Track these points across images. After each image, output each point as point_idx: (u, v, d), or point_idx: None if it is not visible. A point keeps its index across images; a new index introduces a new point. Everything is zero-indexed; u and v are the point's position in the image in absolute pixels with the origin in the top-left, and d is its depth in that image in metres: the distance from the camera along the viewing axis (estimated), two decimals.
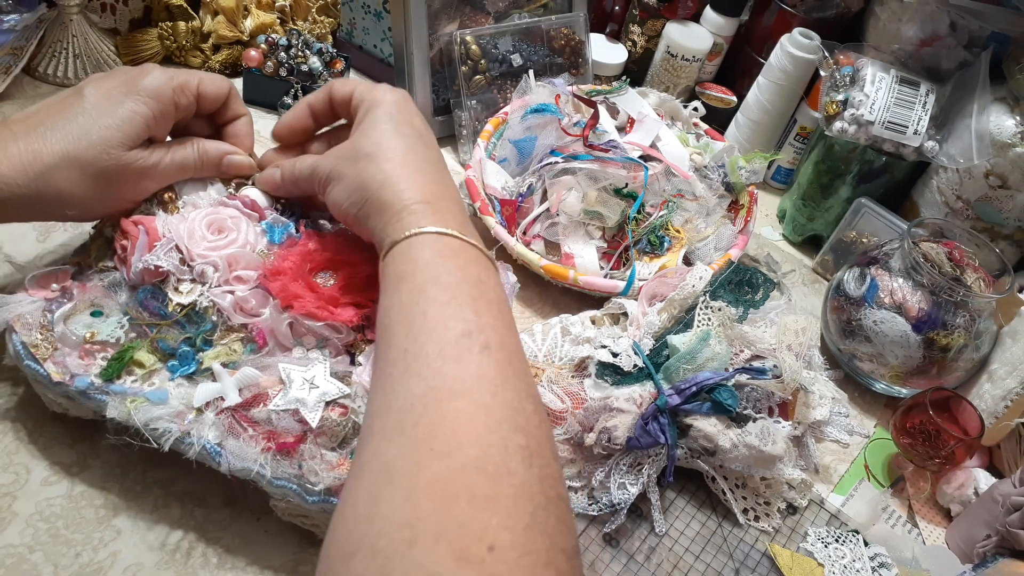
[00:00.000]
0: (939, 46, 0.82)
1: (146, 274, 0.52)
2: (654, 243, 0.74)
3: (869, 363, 0.72)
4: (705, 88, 1.01)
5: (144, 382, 0.49)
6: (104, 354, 0.50)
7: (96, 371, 0.49)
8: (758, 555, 0.60)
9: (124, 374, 0.49)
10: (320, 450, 0.48)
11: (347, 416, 0.49)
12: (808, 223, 0.89)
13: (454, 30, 0.84)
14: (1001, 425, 0.67)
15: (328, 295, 0.52)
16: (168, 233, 0.52)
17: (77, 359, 0.49)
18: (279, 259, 0.53)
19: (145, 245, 0.52)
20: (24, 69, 0.79)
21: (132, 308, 0.51)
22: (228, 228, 0.54)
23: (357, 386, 0.50)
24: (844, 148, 0.82)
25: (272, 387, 0.49)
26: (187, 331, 0.51)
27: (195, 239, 0.53)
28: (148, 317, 0.51)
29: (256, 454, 0.47)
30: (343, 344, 0.53)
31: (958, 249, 0.72)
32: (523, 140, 0.78)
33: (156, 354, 0.50)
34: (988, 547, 0.60)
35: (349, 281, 0.54)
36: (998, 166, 0.76)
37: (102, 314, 0.51)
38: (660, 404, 0.59)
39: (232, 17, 0.87)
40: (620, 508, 0.58)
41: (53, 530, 0.49)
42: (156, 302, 0.51)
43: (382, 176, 0.49)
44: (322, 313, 0.51)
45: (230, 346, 0.51)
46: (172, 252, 0.52)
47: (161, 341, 0.50)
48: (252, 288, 0.52)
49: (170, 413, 0.48)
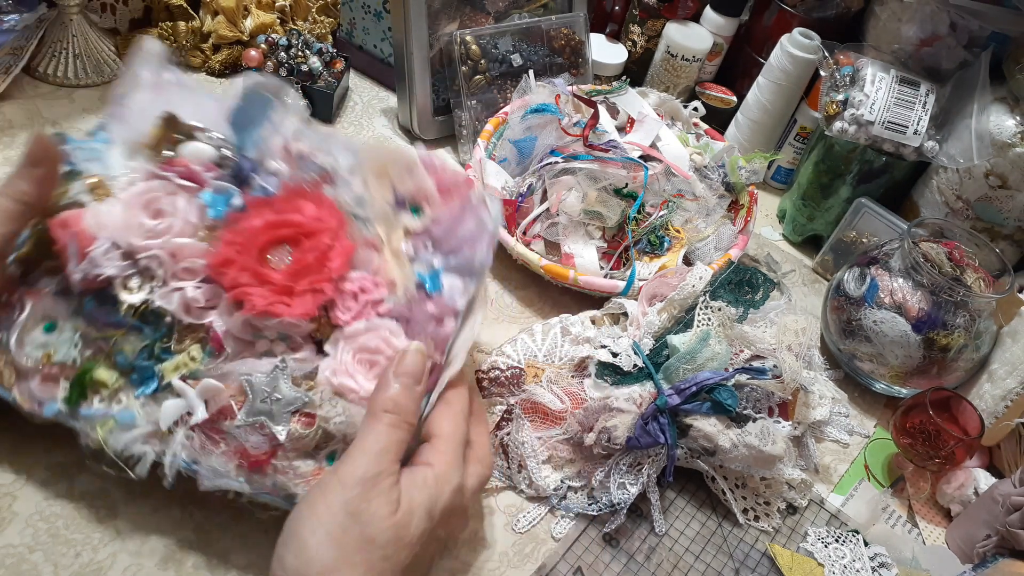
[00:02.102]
0: (939, 46, 0.82)
1: (88, 283, 0.48)
2: (654, 243, 0.74)
3: (869, 363, 0.72)
4: (705, 88, 1.01)
5: (111, 401, 0.47)
6: (65, 375, 0.47)
7: (61, 396, 0.47)
8: (758, 555, 0.60)
9: (90, 394, 0.47)
10: (292, 463, 0.47)
11: (314, 426, 0.47)
12: (808, 223, 0.89)
13: (454, 30, 0.84)
14: (1001, 425, 0.67)
15: (282, 284, 0.48)
16: (100, 231, 0.48)
17: (39, 384, 0.47)
18: (225, 244, 0.48)
19: (77, 253, 0.47)
20: (24, 69, 0.79)
21: (81, 324, 0.48)
22: (165, 211, 0.49)
23: (324, 387, 0.48)
24: (844, 148, 0.82)
25: (236, 396, 0.47)
26: (144, 336, 0.48)
27: (132, 228, 0.48)
28: (100, 329, 0.48)
29: (232, 469, 0.46)
30: (305, 334, 0.49)
31: (958, 249, 0.72)
32: (523, 140, 0.78)
33: (116, 369, 0.48)
34: (988, 547, 0.60)
35: (305, 259, 0.49)
36: (998, 166, 0.76)
37: (55, 327, 0.48)
38: (660, 404, 0.59)
39: (232, 17, 0.87)
40: (620, 508, 0.58)
41: (53, 530, 0.49)
42: (105, 311, 0.48)
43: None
44: (275, 309, 0.47)
45: (188, 353, 0.48)
46: (111, 252, 0.48)
47: (119, 354, 0.47)
48: (201, 282, 0.48)
49: (142, 434, 0.46)
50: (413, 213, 0.54)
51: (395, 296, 0.51)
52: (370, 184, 0.54)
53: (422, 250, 0.54)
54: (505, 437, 0.59)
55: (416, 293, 0.52)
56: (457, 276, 0.53)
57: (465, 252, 0.53)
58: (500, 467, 0.60)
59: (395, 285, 0.51)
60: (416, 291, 0.52)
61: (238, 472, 0.46)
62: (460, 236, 0.53)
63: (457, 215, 0.53)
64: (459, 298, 0.52)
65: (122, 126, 0.53)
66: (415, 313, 0.51)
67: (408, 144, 0.89)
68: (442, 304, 0.52)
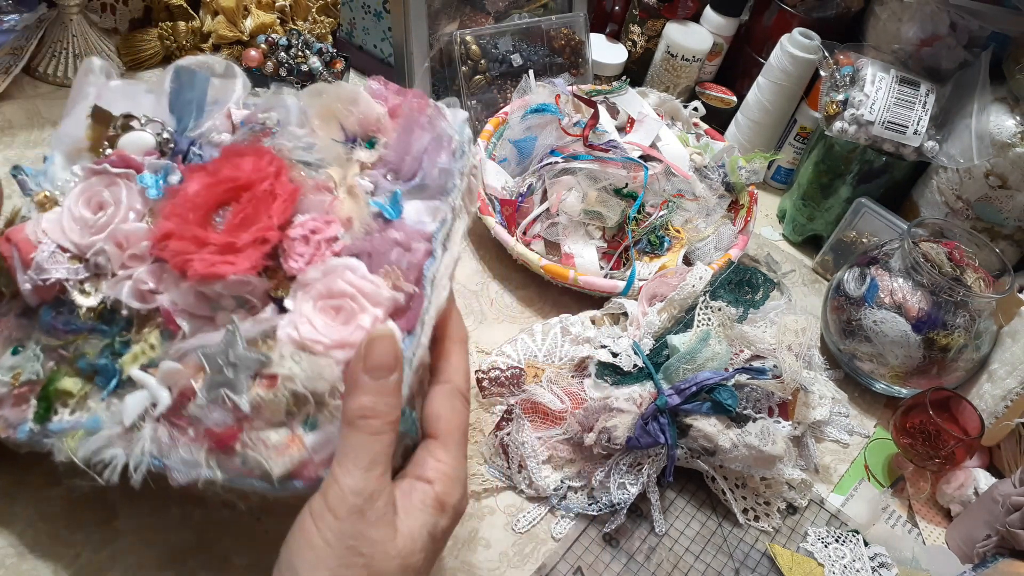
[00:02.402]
0: (939, 46, 0.82)
1: (40, 291, 0.46)
2: (654, 243, 0.74)
3: (869, 363, 0.72)
4: (705, 88, 1.01)
5: (80, 411, 0.45)
6: (33, 393, 0.45)
7: (31, 413, 0.45)
8: (758, 555, 0.60)
9: (57, 406, 0.45)
10: (261, 435, 0.42)
11: (276, 387, 0.42)
12: (808, 223, 0.89)
13: (454, 30, 0.84)
14: (1001, 425, 0.67)
15: (223, 242, 0.44)
16: (44, 236, 0.46)
17: (11, 408, 0.45)
18: (163, 218, 0.45)
19: (22, 262, 0.45)
20: (24, 69, 0.79)
21: (42, 336, 0.46)
22: (106, 202, 0.47)
23: (283, 344, 0.43)
24: (844, 148, 0.82)
25: (196, 375, 0.43)
26: (107, 335, 0.45)
27: (76, 227, 0.46)
28: (60, 338, 0.46)
29: (203, 456, 0.42)
30: (262, 293, 0.45)
31: (958, 249, 0.72)
32: (523, 140, 0.78)
33: (80, 376, 0.45)
34: (988, 547, 0.60)
35: (244, 211, 0.45)
36: (998, 166, 0.76)
37: (21, 348, 0.46)
38: (660, 404, 0.59)
39: (232, 17, 0.87)
40: (620, 508, 0.58)
41: (53, 531, 0.49)
42: (63, 318, 0.46)
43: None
44: (218, 269, 0.43)
45: (147, 341, 0.45)
46: (56, 255, 0.45)
47: (80, 359, 0.45)
48: (150, 265, 0.45)
49: (109, 436, 0.43)
50: (368, 147, 0.51)
51: (352, 232, 0.46)
52: (316, 128, 0.51)
53: (382, 181, 0.49)
54: (505, 437, 0.59)
55: (375, 223, 0.47)
56: (423, 198, 0.48)
57: (426, 168, 0.49)
58: (500, 467, 0.60)
59: (351, 221, 0.47)
60: (374, 221, 0.47)
61: (208, 458, 0.42)
62: (415, 153, 0.49)
63: (407, 133, 0.50)
64: (428, 219, 0.48)
65: (57, 136, 0.51)
66: (376, 244, 0.46)
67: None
68: (406, 229, 0.47)
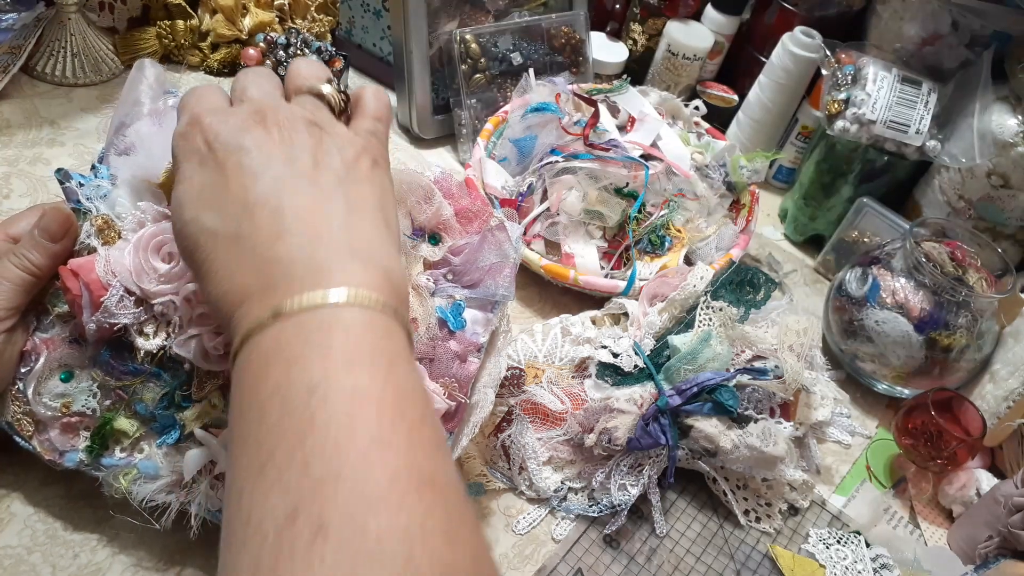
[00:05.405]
0: (941, 45, 0.82)
1: (103, 331, 0.46)
2: (655, 243, 0.74)
3: (871, 363, 0.72)
4: (706, 87, 1.01)
5: (132, 450, 0.47)
6: (85, 425, 0.47)
7: (83, 445, 0.47)
8: (759, 556, 0.60)
9: (111, 444, 0.47)
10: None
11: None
12: (810, 223, 0.89)
13: (454, 28, 0.84)
14: (1003, 426, 0.67)
15: None
16: (112, 278, 0.46)
17: (59, 435, 0.47)
18: None
19: (90, 303, 0.45)
20: (22, 68, 0.78)
21: (99, 374, 0.47)
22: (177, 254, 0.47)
23: None
24: (846, 147, 0.82)
25: None
26: (163, 383, 0.47)
27: (144, 273, 0.46)
28: (118, 378, 0.47)
29: None
30: None
31: (960, 249, 0.72)
32: (523, 139, 0.78)
33: (136, 418, 0.47)
34: (990, 548, 0.60)
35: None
36: (1000, 165, 0.76)
37: (72, 376, 0.47)
38: (661, 405, 0.58)
39: (231, 15, 0.87)
40: (621, 509, 0.58)
41: (51, 531, 0.49)
42: (122, 359, 0.47)
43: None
44: None
45: (210, 401, 0.47)
46: (125, 300, 0.46)
47: (138, 403, 0.47)
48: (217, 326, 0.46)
49: (166, 484, 0.46)
50: (431, 243, 0.53)
51: (417, 334, 0.49)
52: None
53: (442, 282, 0.51)
54: (506, 439, 0.59)
55: (439, 331, 0.49)
56: (478, 309, 0.51)
57: (487, 283, 0.51)
58: (502, 469, 0.60)
59: (417, 323, 0.49)
60: (438, 329, 0.49)
61: None
62: (480, 266, 0.51)
63: (478, 244, 0.52)
64: (481, 332, 0.50)
65: (125, 163, 0.50)
66: (439, 352, 0.49)
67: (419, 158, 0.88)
68: (465, 340, 0.50)
